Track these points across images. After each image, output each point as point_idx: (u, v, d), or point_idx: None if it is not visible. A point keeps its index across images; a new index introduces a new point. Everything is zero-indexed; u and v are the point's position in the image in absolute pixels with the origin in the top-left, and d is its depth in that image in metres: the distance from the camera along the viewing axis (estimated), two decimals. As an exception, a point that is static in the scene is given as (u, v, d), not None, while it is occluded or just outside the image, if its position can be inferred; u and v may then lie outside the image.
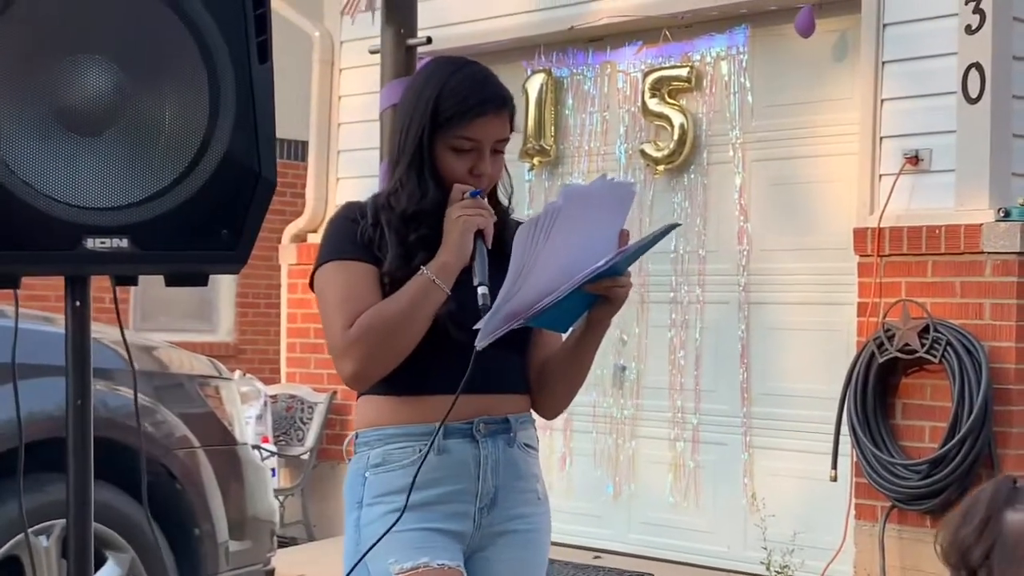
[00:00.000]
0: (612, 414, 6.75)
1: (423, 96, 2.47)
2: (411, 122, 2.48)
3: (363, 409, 2.53)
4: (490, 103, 2.46)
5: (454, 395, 2.35)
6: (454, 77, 2.47)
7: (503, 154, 2.53)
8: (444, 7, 6.91)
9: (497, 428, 2.49)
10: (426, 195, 2.45)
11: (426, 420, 2.43)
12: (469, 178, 2.46)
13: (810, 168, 6.20)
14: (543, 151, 6.96)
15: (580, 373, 2.56)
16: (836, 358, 5.91)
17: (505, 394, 2.51)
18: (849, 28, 6.00)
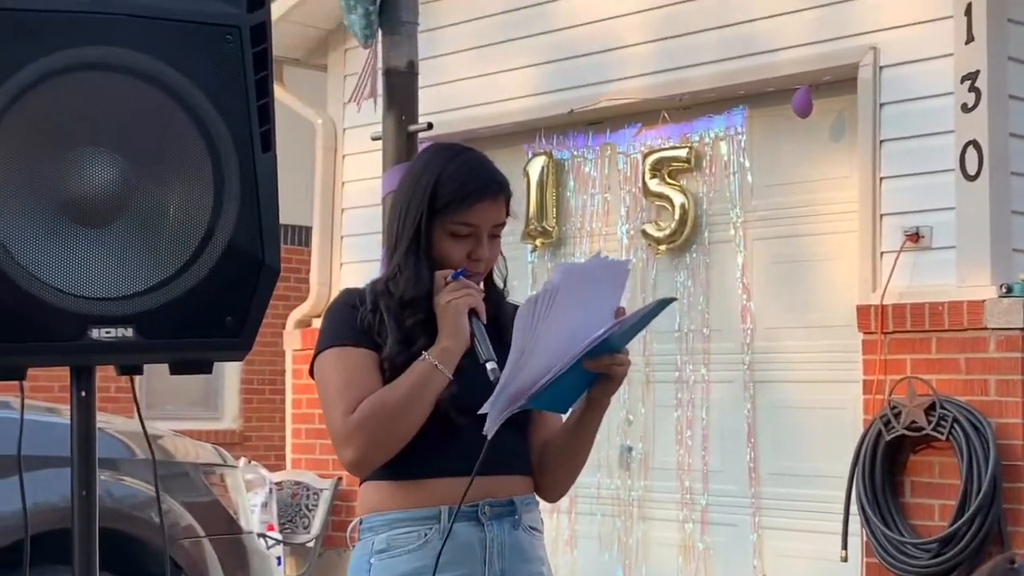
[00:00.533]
0: (619, 495, 6.71)
1: (421, 182, 2.49)
2: (409, 208, 2.49)
3: (366, 494, 2.52)
4: (487, 189, 2.48)
5: (456, 477, 2.34)
6: (452, 163, 2.49)
7: (499, 238, 2.55)
8: (445, 92, 6.99)
9: (502, 511, 2.48)
10: (424, 280, 2.46)
11: (430, 503, 2.42)
12: (467, 263, 2.47)
13: (811, 246, 6.22)
14: (545, 233, 7.00)
15: (581, 454, 2.55)
16: (843, 436, 5.89)
17: (509, 475, 2.50)
18: (846, 108, 6.06)
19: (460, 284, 2.43)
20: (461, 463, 2.34)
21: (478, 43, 7.17)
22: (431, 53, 6.59)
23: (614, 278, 2.38)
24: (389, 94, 4.88)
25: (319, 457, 7.56)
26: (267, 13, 2.24)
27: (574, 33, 6.83)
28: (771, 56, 6.17)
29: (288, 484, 7.52)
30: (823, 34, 6.03)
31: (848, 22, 5.96)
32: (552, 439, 2.55)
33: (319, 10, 7.59)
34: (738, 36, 6.27)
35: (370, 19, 4.66)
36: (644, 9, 6.59)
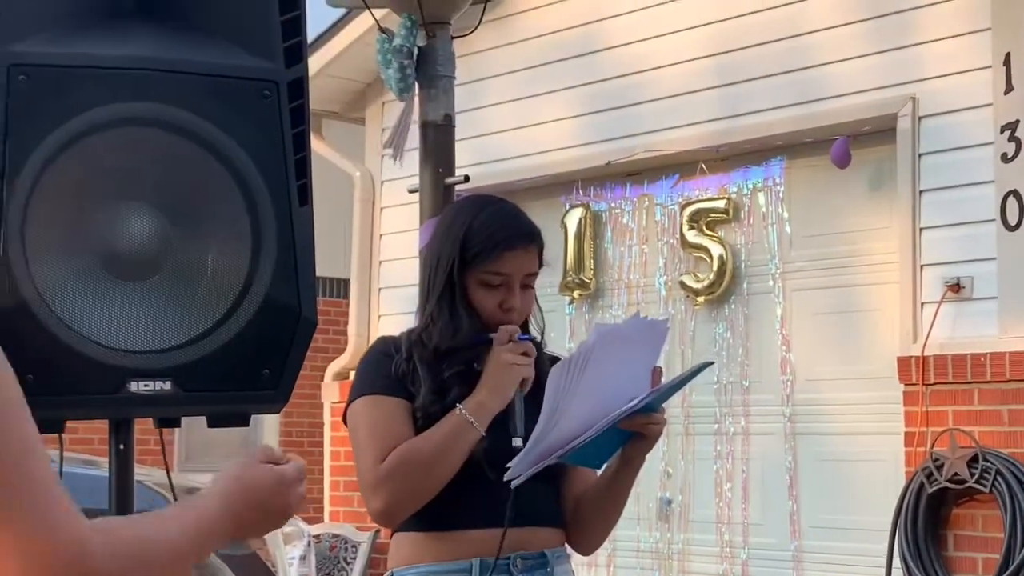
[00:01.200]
0: (658, 548, 6.66)
1: (451, 232, 2.50)
2: (441, 258, 2.50)
3: (398, 546, 2.51)
4: (518, 238, 2.48)
5: (488, 529, 2.34)
6: (482, 213, 2.50)
7: (533, 288, 2.54)
8: (482, 145, 7.02)
9: (534, 563, 2.46)
10: (460, 330, 2.46)
11: (462, 556, 2.41)
12: (499, 313, 2.47)
13: (851, 297, 6.18)
14: (583, 284, 6.99)
15: (616, 509, 2.53)
16: (885, 488, 5.83)
17: (540, 527, 2.49)
18: (885, 158, 6.04)
19: (523, 347, 2.43)
20: (492, 515, 2.33)
21: (515, 95, 7.21)
22: (468, 106, 6.62)
23: (652, 338, 2.37)
24: (426, 147, 4.90)
25: (357, 509, 7.54)
26: (304, 69, 2.26)
27: (611, 85, 6.86)
28: (810, 107, 6.16)
29: (326, 536, 7.51)
30: (862, 84, 6.02)
31: (887, 72, 5.95)
32: (586, 494, 2.53)
33: (357, 64, 7.65)
34: (776, 87, 6.28)
35: (406, 73, 4.69)
36: (682, 61, 6.61)
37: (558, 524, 2.53)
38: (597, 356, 2.25)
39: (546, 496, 2.50)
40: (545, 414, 2.23)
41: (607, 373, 2.27)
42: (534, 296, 2.55)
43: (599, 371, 2.25)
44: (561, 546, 2.53)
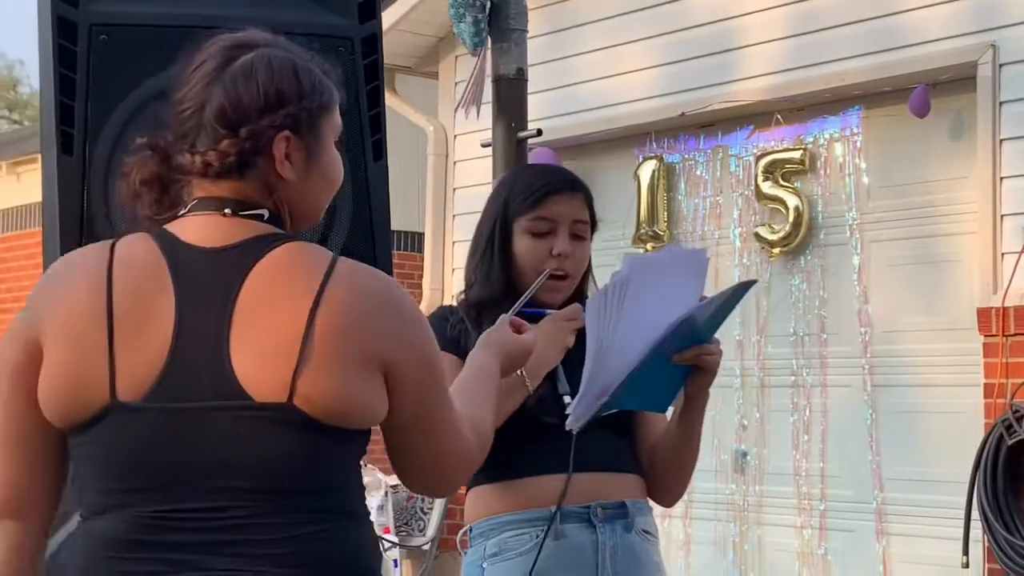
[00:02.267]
0: (734, 500, 6.66)
1: (497, 196, 2.56)
2: (486, 218, 2.54)
3: (473, 501, 2.53)
4: (559, 182, 2.50)
5: (560, 474, 2.35)
6: (526, 171, 2.55)
7: (586, 242, 2.53)
8: (554, 98, 7.00)
9: (614, 513, 2.46)
10: (493, 282, 2.48)
11: (538, 504, 2.42)
12: (550, 259, 2.47)
13: (930, 248, 6.11)
14: (656, 236, 6.97)
15: (689, 454, 2.53)
16: (964, 440, 5.77)
17: (618, 473, 2.49)
18: (965, 107, 5.94)
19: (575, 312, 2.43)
20: (561, 461, 2.36)
21: (589, 48, 7.18)
22: (543, 59, 6.60)
23: (691, 268, 2.32)
24: (498, 101, 4.91)
25: (434, 461, 7.61)
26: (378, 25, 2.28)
27: (684, 36, 6.80)
28: (887, 55, 6.07)
29: (404, 487, 7.59)
30: (941, 32, 5.92)
31: (966, 20, 5.85)
32: (659, 441, 2.54)
33: (429, 19, 7.65)
34: (854, 35, 6.19)
35: (479, 27, 4.69)
36: (756, 11, 6.53)
37: (636, 472, 2.53)
38: (635, 286, 2.22)
39: (621, 445, 2.51)
40: (591, 353, 2.24)
41: (648, 304, 2.24)
42: (587, 251, 2.55)
43: (639, 302, 2.23)
44: (642, 498, 2.53)
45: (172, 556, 1.60)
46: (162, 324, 1.64)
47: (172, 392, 1.63)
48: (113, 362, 1.63)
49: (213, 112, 1.69)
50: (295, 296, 1.64)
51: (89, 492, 1.68)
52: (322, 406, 1.62)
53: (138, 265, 1.67)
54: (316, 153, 1.75)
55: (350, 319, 1.65)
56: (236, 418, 1.62)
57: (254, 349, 1.63)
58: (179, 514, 1.61)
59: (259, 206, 1.71)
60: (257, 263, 1.66)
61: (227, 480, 1.62)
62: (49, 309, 1.67)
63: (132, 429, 1.63)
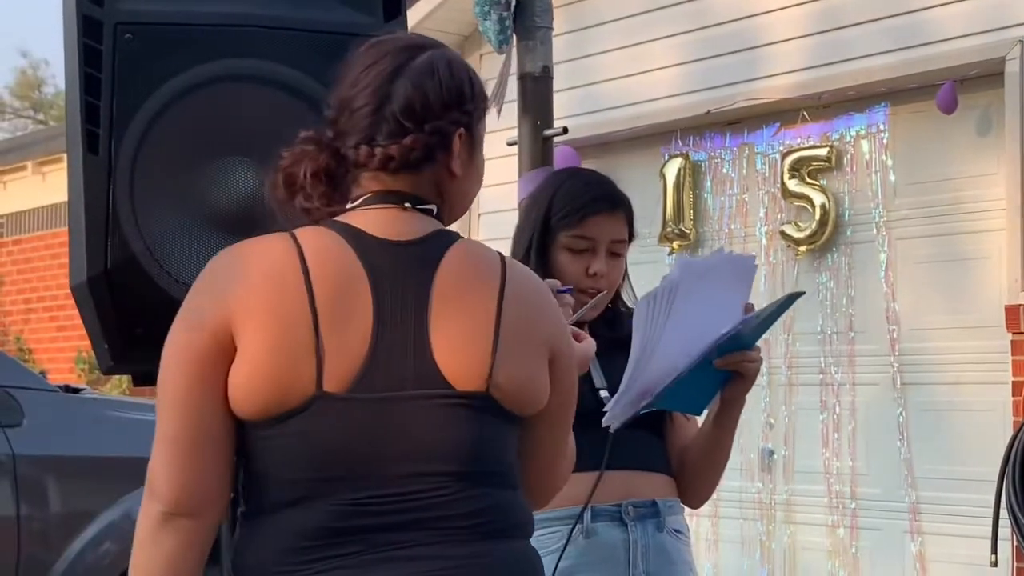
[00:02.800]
0: (761, 499, 6.64)
1: (538, 203, 2.52)
2: (525, 225, 2.52)
3: None
4: (603, 201, 2.48)
5: (593, 472, 2.34)
6: (570, 180, 2.53)
7: (622, 258, 2.53)
8: (580, 96, 6.99)
9: (646, 512, 2.46)
10: None
11: (570, 503, 2.40)
12: (585, 279, 2.47)
13: (957, 245, 6.08)
14: (683, 235, 6.96)
15: (721, 456, 2.52)
16: (992, 438, 5.74)
17: (649, 472, 2.49)
18: (992, 103, 5.91)
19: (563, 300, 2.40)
20: (594, 459, 2.35)
21: (613, 46, 7.17)
22: (567, 57, 6.60)
23: (740, 274, 2.33)
24: (524, 99, 4.90)
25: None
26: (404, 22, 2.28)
27: (710, 33, 6.79)
28: (914, 52, 6.04)
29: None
30: (968, 28, 5.88)
31: (994, 15, 5.81)
32: (691, 443, 2.53)
33: (454, 16, 7.66)
34: (880, 32, 6.16)
35: (504, 25, 4.69)
36: (782, 7, 6.51)
37: (667, 472, 2.52)
38: (683, 290, 2.22)
39: (651, 444, 2.50)
40: (635, 353, 2.23)
41: (695, 309, 2.24)
42: (624, 266, 2.54)
43: (686, 307, 2.23)
44: (673, 496, 2.52)
45: (372, 537, 1.65)
46: (362, 316, 1.68)
47: (376, 382, 1.67)
48: (320, 353, 1.65)
49: (399, 106, 1.73)
50: (483, 290, 1.72)
51: (277, 484, 1.68)
52: (512, 394, 1.72)
53: (332, 256, 1.69)
54: (476, 150, 1.83)
55: (530, 311, 1.75)
56: (438, 407, 1.68)
57: (452, 340, 1.69)
58: (379, 499, 1.66)
59: (429, 201, 1.77)
60: (443, 257, 1.72)
61: (427, 465, 1.67)
62: (243, 300, 1.66)
63: (338, 419, 1.65)
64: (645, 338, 2.22)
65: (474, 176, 1.84)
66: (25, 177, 12.12)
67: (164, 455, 1.68)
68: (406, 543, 1.66)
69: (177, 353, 1.69)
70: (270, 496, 1.69)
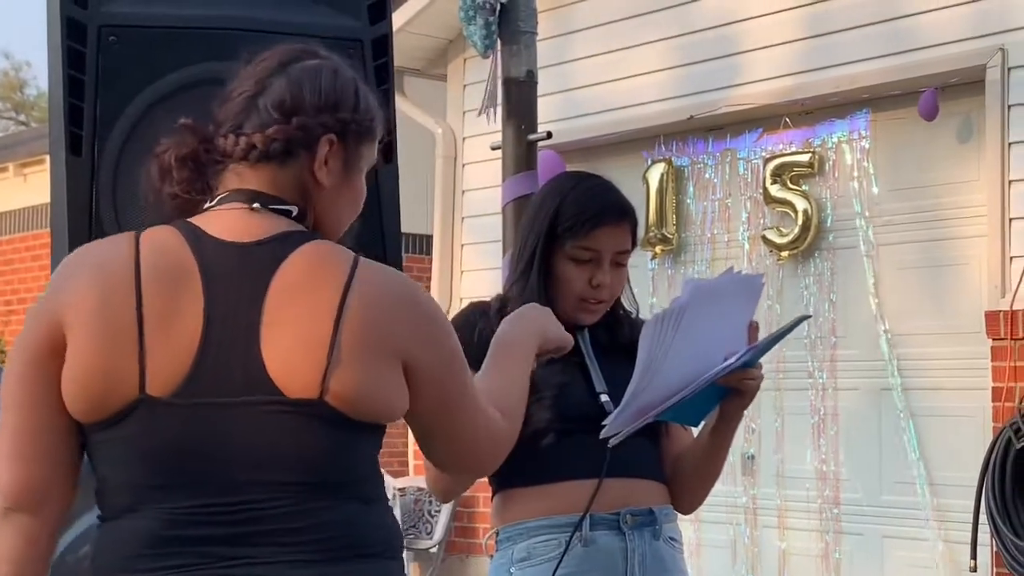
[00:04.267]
0: (744, 503, 6.65)
1: (544, 207, 2.51)
2: (530, 232, 2.51)
3: (502, 504, 2.52)
4: (609, 213, 2.47)
5: (589, 479, 2.34)
6: (576, 188, 2.50)
7: (624, 267, 2.53)
8: (564, 101, 7.00)
9: (643, 520, 2.46)
10: (528, 300, 2.46)
11: (569, 510, 2.41)
12: (588, 289, 2.47)
13: (939, 251, 6.10)
14: (665, 240, 6.97)
15: (715, 467, 2.53)
16: (973, 444, 5.77)
17: (646, 480, 2.49)
18: (973, 110, 5.94)
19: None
20: (596, 467, 2.35)
21: (600, 50, 7.18)
22: (551, 61, 6.61)
23: (747, 293, 2.34)
24: (508, 103, 4.91)
25: (441, 464, 7.61)
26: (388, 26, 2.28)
27: (693, 39, 6.80)
28: (896, 59, 6.07)
29: (411, 490, 7.59)
30: (949, 35, 5.91)
31: (976, 23, 5.84)
32: (685, 453, 2.53)
33: (439, 20, 7.66)
34: (863, 39, 6.18)
35: (489, 29, 4.70)
36: (764, 14, 6.53)
37: (662, 480, 2.52)
38: (692, 311, 2.23)
39: (648, 451, 2.50)
40: (639, 370, 2.23)
41: (702, 329, 2.25)
42: (626, 274, 2.55)
43: (694, 326, 2.23)
44: (668, 504, 2.53)
45: (208, 549, 1.61)
46: (191, 318, 1.64)
47: (203, 387, 1.62)
48: (143, 356, 1.61)
49: (271, 98, 1.71)
50: (322, 294, 1.65)
51: (115, 490, 1.66)
52: (351, 402, 1.64)
53: (166, 258, 1.66)
54: (351, 169, 1.76)
55: (374, 317, 1.66)
56: (268, 413, 1.63)
57: (285, 345, 1.63)
58: (214, 508, 1.61)
59: (288, 202, 1.72)
60: (285, 259, 1.67)
61: (261, 474, 1.62)
62: (74, 297, 1.65)
63: (163, 424, 1.62)
64: (651, 357, 2.22)
65: (347, 196, 1.77)
66: (7, 178, 12.07)
67: (4, 448, 1.67)
68: (246, 559, 1.61)
69: (18, 348, 1.68)
70: (112, 500, 1.67)
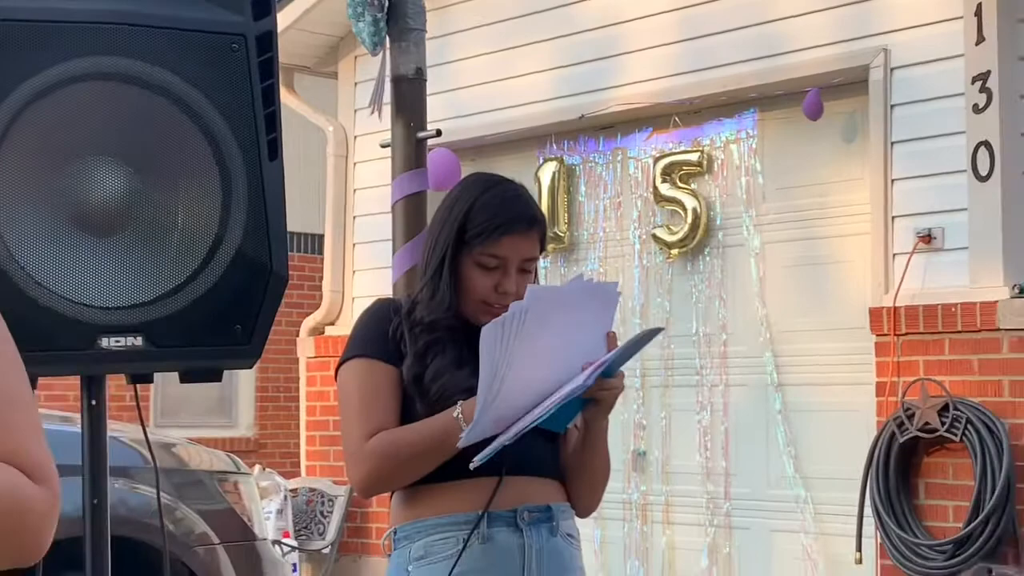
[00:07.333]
0: (637, 500, 6.71)
1: (454, 210, 2.49)
2: (440, 235, 2.50)
3: (400, 503, 2.51)
4: (518, 222, 2.47)
5: (489, 477, 2.34)
6: (486, 194, 2.49)
7: (531, 273, 2.52)
8: (454, 99, 7.00)
9: (540, 516, 2.47)
10: (442, 308, 2.46)
11: (467, 508, 2.41)
12: (494, 295, 2.47)
13: (824, 249, 6.21)
14: (557, 238, 7.00)
15: (596, 471, 2.54)
16: (858, 438, 5.88)
17: (544, 478, 2.50)
18: (857, 110, 6.05)
19: None
20: (490, 464, 2.34)
21: (488, 49, 7.18)
22: (441, 60, 6.60)
23: (602, 302, 2.35)
24: (398, 101, 4.89)
25: (334, 464, 7.57)
26: (273, 22, 2.25)
27: (584, 38, 6.84)
28: (782, 59, 6.16)
29: (303, 491, 7.54)
30: (834, 36, 6.02)
31: (859, 24, 5.95)
32: (569, 456, 2.55)
33: (328, 18, 7.61)
34: (748, 39, 6.27)
35: (378, 27, 4.67)
36: (654, 13, 6.59)
37: (559, 478, 2.53)
38: (535, 318, 2.23)
39: (543, 449, 2.50)
40: (485, 377, 2.22)
41: (552, 337, 2.25)
42: (532, 280, 2.54)
43: (540, 334, 2.23)
44: (565, 501, 2.54)
45: None
46: None
47: None
48: None
49: None
50: None
51: None
52: None
53: None
54: None
55: None
56: None
57: None
58: None
59: None
60: None
61: None
62: None
63: None
64: (493, 364, 2.22)
65: None
66: None
67: None
68: None
69: None
70: None
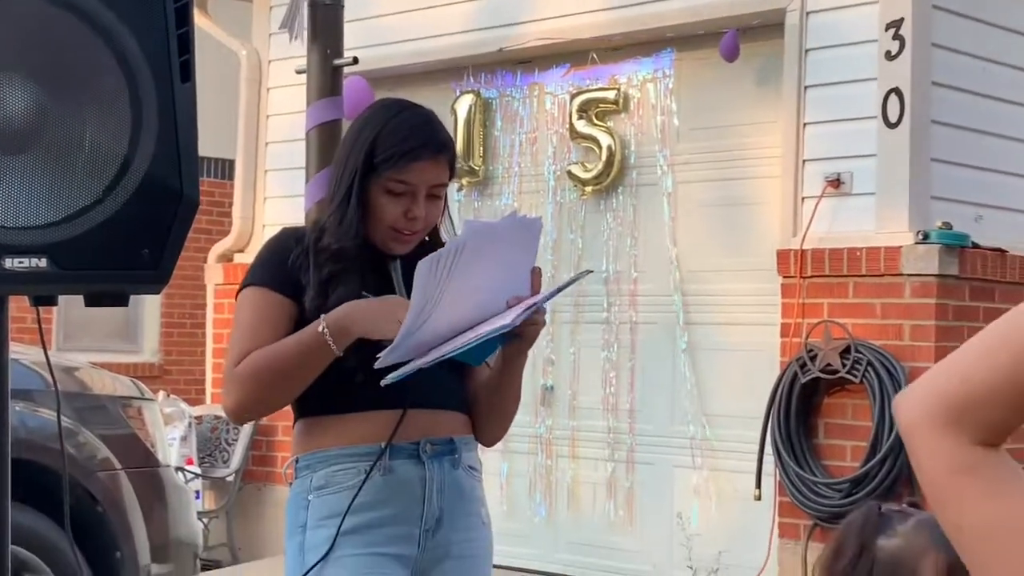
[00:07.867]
0: (540, 434, 6.76)
1: (362, 136, 2.48)
2: (348, 161, 2.48)
3: (302, 432, 2.51)
4: (426, 148, 2.46)
5: (391, 410, 2.35)
6: (394, 120, 2.48)
7: (442, 199, 2.53)
8: (372, 27, 6.92)
9: (442, 449, 2.49)
10: (349, 235, 2.45)
11: (369, 440, 2.42)
12: (402, 221, 2.46)
13: (736, 190, 6.27)
14: (472, 172, 6.98)
15: (507, 403, 2.57)
16: (761, 378, 5.97)
17: (447, 411, 2.51)
18: (773, 53, 6.09)
19: None
20: (394, 397, 2.35)
21: (407, -22, 7.10)
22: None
23: (527, 237, 2.38)
24: (314, 27, 4.83)
25: (240, 392, 7.52)
26: (188, -58, 2.21)
27: (504, -30, 6.79)
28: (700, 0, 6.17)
29: (208, 418, 7.49)
30: (752, -22, 6.03)
31: (777, -33, 5.97)
32: (479, 387, 2.56)
33: (246, -61, 7.47)
34: (668, -22, 6.26)
35: (295, -50, 4.60)
36: (575, -52, 6.55)
37: (463, 410, 2.55)
38: (469, 253, 2.24)
39: (450, 383, 2.52)
40: (414, 308, 2.23)
41: (481, 271, 2.27)
42: (443, 206, 2.55)
43: (472, 268, 2.25)
44: (469, 434, 2.56)
45: None
46: None
47: None
48: None
49: None
50: None
51: None
52: None
53: None
54: None
55: None
56: None
57: None
58: None
59: None
60: None
61: None
62: None
63: None
64: (425, 295, 2.23)
65: None
66: None
67: None
68: None
69: None
70: None
